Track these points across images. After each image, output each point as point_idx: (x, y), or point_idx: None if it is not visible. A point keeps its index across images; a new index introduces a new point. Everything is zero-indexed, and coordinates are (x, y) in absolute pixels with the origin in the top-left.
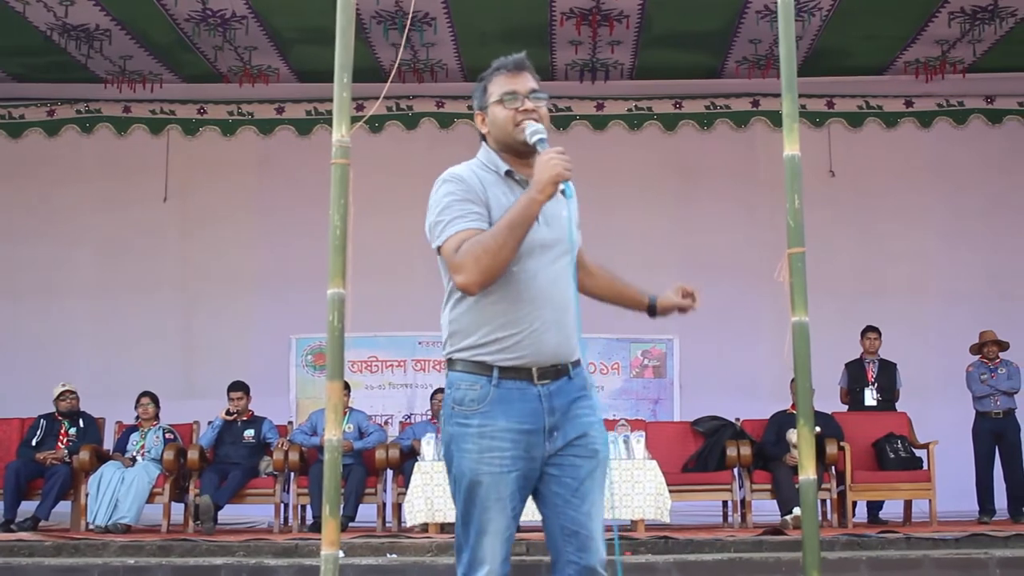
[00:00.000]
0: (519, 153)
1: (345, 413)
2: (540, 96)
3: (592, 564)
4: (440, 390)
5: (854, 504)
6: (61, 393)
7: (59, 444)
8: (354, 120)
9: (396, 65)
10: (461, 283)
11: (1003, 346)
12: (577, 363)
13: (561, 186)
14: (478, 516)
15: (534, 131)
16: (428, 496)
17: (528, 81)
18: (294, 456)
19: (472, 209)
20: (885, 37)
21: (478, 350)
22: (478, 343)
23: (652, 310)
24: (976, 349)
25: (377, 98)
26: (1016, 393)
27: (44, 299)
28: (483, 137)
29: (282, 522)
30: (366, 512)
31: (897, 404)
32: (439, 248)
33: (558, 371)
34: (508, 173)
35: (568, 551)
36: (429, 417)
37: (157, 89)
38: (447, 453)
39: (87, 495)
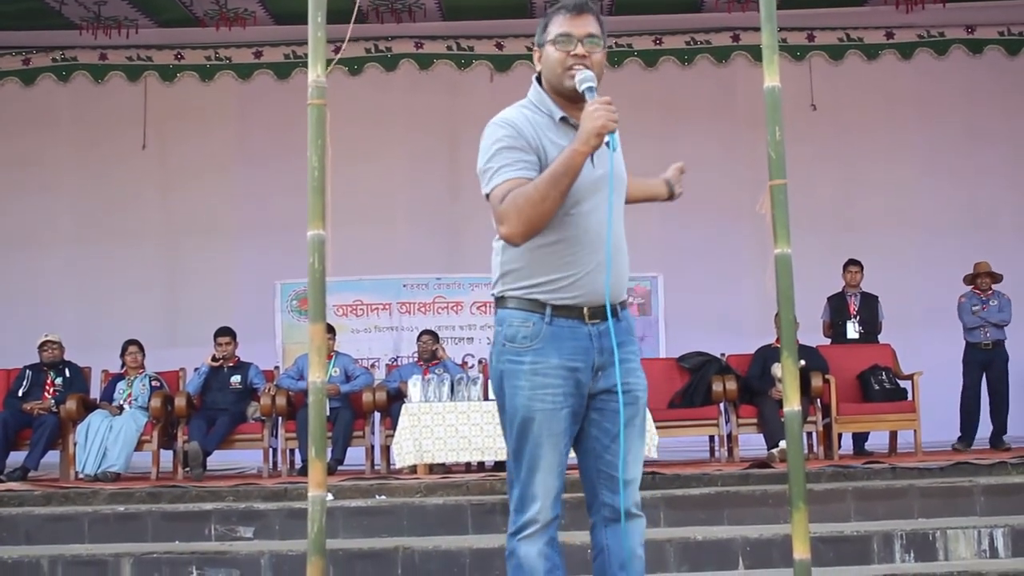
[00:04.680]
0: (569, 97)
1: (331, 357)
2: (596, 41)
3: (627, 506)
4: (426, 332)
5: (839, 436)
6: (43, 343)
7: (46, 394)
8: (329, 61)
9: (357, 6)
10: (504, 233)
11: (996, 278)
12: (624, 304)
13: (606, 138)
14: (530, 452)
15: (583, 79)
16: (416, 438)
17: (587, 25)
18: (281, 401)
19: (520, 157)
20: None
21: (533, 289)
22: (533, 282)
23: (671, 195)
24: (969, 280)
25: (355, 39)
26: (1006, 325)
27: (25, 250)
28: (537, 76)
29: (271, 467)
30: (355, 455)
31: (880, 336)
32: (487, 195)
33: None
34: (563, 119)
35: (604, 494)
36: (415, 359)
37: (133, 35)
38: (498, 390)
39: (75, 444)
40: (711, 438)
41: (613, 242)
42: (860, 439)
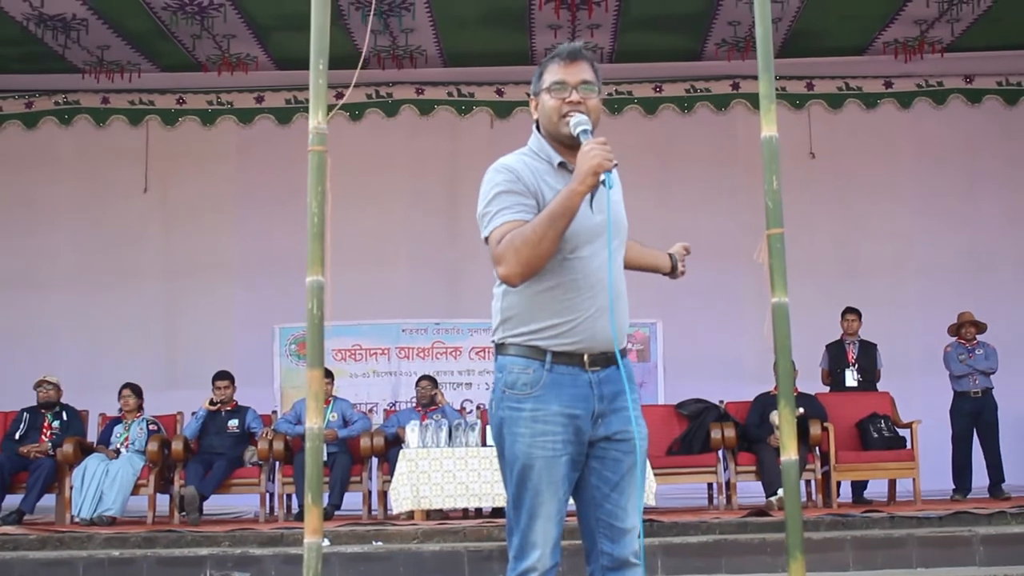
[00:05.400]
0: (567, 143)
1: (329, 402)
2: (590, 87)
3: (625, 556)
4: (425, 377)
5: (838, 484)
6: (39, 383)
7: (43, 437)
8: (331, 107)
9: (366, 49)
10: (502, 274)
11: (980, 327)
12: (624, 352)
13: (602, 176)
14: (530, 500)
15: (578, 122)
16: (413, 483)
17: (581, 72)
18: (279, 445)
19: (519, 201)
20: (863, 17)
21: (533, 335)
22: (532, 328)
23: (673, 270)
24: (953, 330)
25: (356, 85)
26: (993, 373)
27: (25, 292)
28: (536, 124)
29: (268, 511)
30: (352, 500)
31: (878, 384)
32: (486, 238)
33: (608, 359)
34: (561, 164)
35: (603, 543)
36: (414, 404)
37: (135, 79)
38: (498, 437)
39: (71, 488)
40: (709, 485)
41: (614, 287)
42: (859, 487)
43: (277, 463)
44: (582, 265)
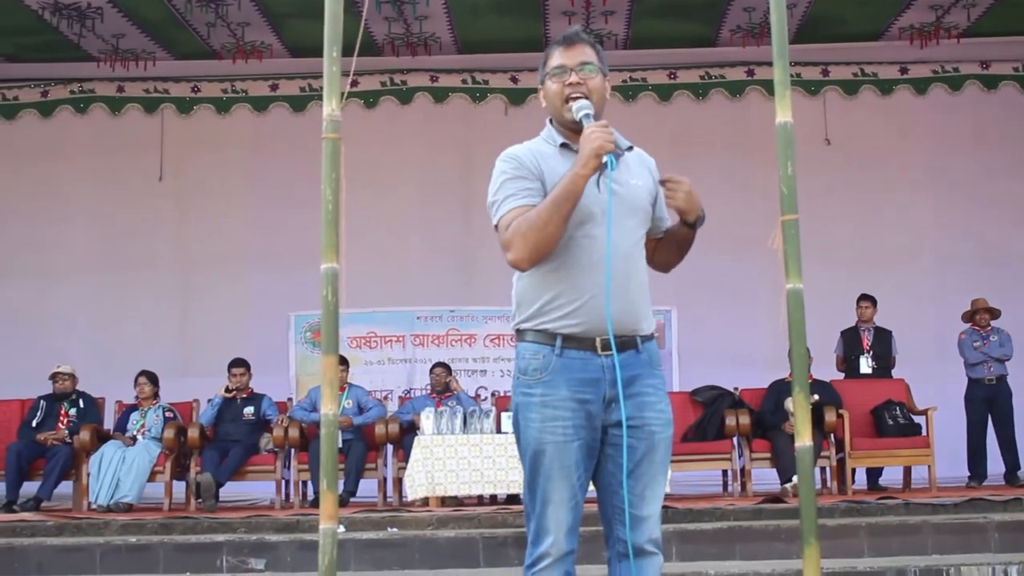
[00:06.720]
0: (573, 128)
1: (344, 389)
2: (591, 68)
3: (640, 543)
4: (439, 364)
5: (853, 471)
6: (54, 374)
7: (59, 425)
8: (345, 95)
9: (361, 34)
10: (511, 260)
11: (995, 313)
12: (649, 337)
13: (604, 159)
14: (542, 485)
15: (580, 107)
16: (428, 470)
17: (580, 54)
18: (294, 432)
19: (524, 186)
20: (879, 3)
21: (541, 318)
22: (540, 310)
23: (687, 223)
24: (968, 317)
25: (370, 72)
26: (1008, 360)
27: (41, 280)
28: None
29: (283, 498)
30: (367, 487)
31: (893, 371)
32: (496, 226)
33: (623, 343)
34: (563, 145)
35: (618, 529)
36: (428, 392)
37: (150, 67)
38: (515, 423)
39: (88, 475)
40: (724, 472)
41: (620, 268)
42: (874, 474)
43: (292, 450)
44: (589, 244)
